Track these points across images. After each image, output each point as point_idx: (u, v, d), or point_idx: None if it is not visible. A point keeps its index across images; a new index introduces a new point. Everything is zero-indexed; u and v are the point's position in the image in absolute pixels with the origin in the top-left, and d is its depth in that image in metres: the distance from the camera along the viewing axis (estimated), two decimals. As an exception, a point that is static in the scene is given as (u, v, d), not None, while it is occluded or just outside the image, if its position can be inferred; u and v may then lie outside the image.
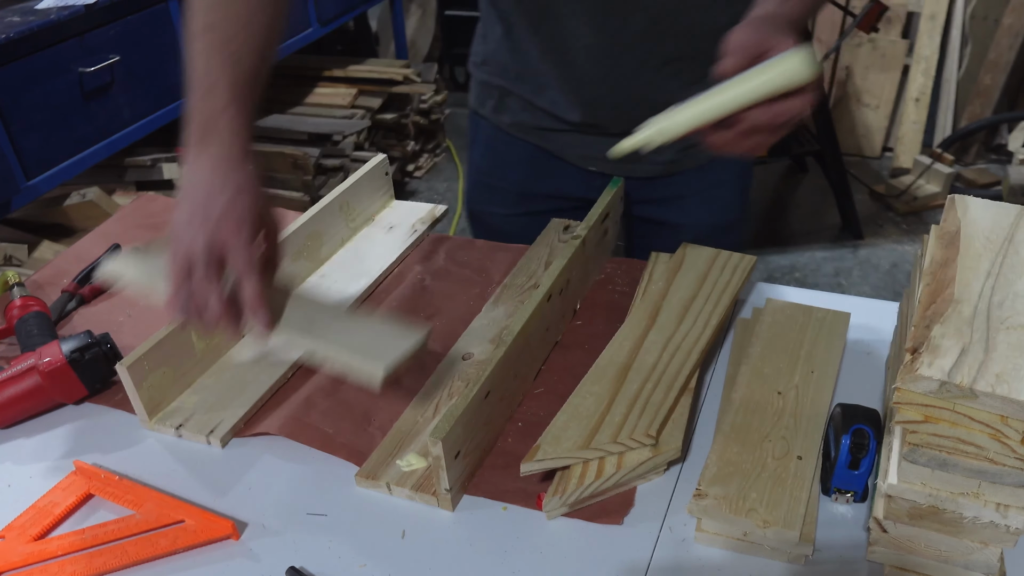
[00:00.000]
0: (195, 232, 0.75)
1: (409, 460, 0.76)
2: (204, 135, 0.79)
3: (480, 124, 1.21)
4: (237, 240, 0.75)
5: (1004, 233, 0.71)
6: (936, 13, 3.22)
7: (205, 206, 0.76)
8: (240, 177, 0.78)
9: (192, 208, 0.76)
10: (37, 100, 1.81)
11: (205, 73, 0.79)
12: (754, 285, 1.01)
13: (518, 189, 1.19)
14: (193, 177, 0.78)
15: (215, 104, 0.79)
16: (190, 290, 0.74)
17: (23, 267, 1.91)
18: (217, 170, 0.78)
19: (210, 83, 0.79)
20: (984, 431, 0.56)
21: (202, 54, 0.80)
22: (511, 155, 1.18)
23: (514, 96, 1.12)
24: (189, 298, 0.74)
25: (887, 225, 3.04)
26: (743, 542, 0.68)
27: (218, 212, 0.75)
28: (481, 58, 1.15)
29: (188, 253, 0.74)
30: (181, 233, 0.75)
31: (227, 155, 0.78)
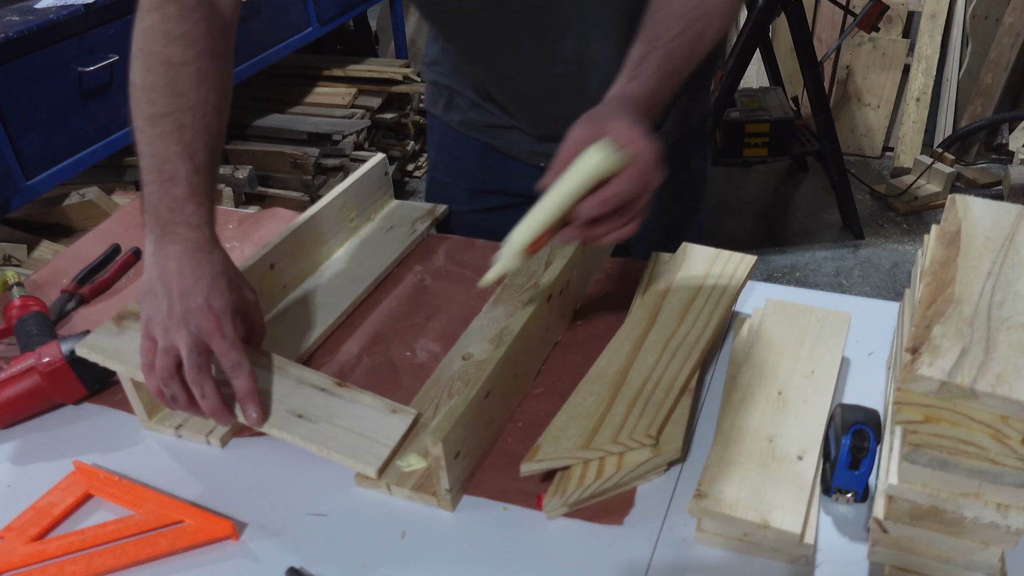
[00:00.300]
0: (176, 328, 0.75)
1: (409, 460, 0.76)
2: (168, 225, 0.78)
3: (433, 123, 1.22)
4: (222, 336, 0.76)
5: (1005, 233, 0.71)
6: (937, 12, 3.22)
7: (182, 300, 0.76)
8: (212, 266, 0.78)
9: (169, 302, 0.76)
10: (36, 100, 1.81)
11: (162, 163, 0.79)
12: (754, 285, 1.01)
13: (471, 186, 1.21)
14: (163, 267, 0.78)
15: (176, 194, 0.78)
16: (179, 384, 0.75)
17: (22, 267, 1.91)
18: (188, 260, 0.78)
19: (170, 173, 0.78)
20: (985, 431, 0.56)
21: (157, 141, 0.79)
22: (462, 153, 1.19)
23: (462, 96, 1.14)
24: (180, 391, 0.76)
25: (888, 225, 3.04)
26: (743, 542, 0.68)
27: (197, 306, 0.76)
28: (431, 58, 1.17)
29: (171, 348, 0.75)
30: (160, 328, 0.76)
31: (195, 245, 0.79)
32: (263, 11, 2.51)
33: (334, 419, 0.78)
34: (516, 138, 1.13)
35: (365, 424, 0.78)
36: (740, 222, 3.15)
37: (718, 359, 0.90)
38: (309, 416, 0.78)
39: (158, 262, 0.78)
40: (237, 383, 0.77)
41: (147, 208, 0.79)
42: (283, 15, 2.64)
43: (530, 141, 1.13)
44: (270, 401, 0.79)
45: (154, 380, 0.76)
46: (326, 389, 0.81)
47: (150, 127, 0.79)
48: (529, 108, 1.09)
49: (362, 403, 0.80)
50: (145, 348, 0.77)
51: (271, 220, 1.18)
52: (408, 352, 0.92)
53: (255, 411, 0.77)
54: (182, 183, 0.78)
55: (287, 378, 0.82)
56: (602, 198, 0.69)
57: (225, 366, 0.76)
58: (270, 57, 2.58)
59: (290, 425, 0.78)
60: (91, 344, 0.82)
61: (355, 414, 0.79)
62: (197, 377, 0.75)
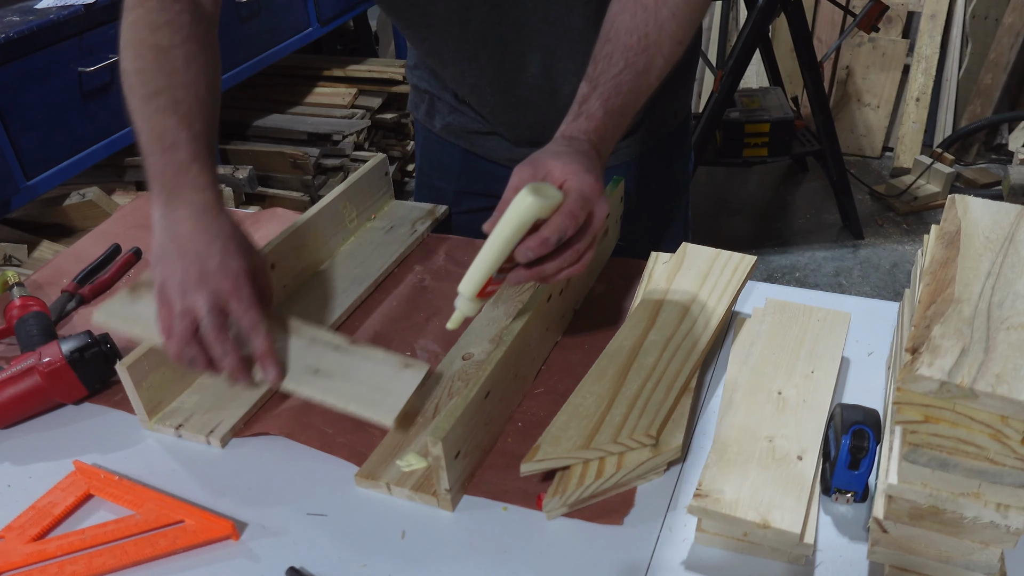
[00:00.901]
0: (193, 290, 0.76)
1: (409, 460, 0.76)
2: (174, 189, 0.79)
3: (418, 127, 1.24)
4: (239, 297, 0.77)
5: (1004, 233, 0.71)
6: (936, 12, 3.22)
7: (198, 263, 0.77)
8: (223, 226, 0.79)
9: (184, 265, 0.76)
10: (36, 100, 1.81)
11: (162, 133, 0.80)
12: (754, 285, 1.01)
13: (455, 188, 1.22)
14: (174, 231, 0.78)
15: (179, 159, 0.80)
16: (198, 346, 0.76)
17: (23, 267, 1.91)
18: (199, 222, 0.78)
19: (170, 141, 0.80)
20: (984, 431, 0.56)
21: (156, 116, 0.81)
22: (445, 157, 1.21)
23: (442, 101, 1.15)
24: (199, 353, 0.76)
25: (887, 225, 3.04)
26: (743, 542, 0.68)
27: (213, 267, 0.76)
28: (413, 62, 1.18)
29: (190, 310, 0.76)
30: (177, 290, 0.76)
31: (204, 206, 0.79)
32: (263, 11, 2.51)
33: (349, 374, 0.80)
34: (495, 144, 1.15)
35: (379, 378, 0.80)
36: (740, 222, 3.15)
37: (718, 359, 0.90)
38: (325, 372, 0.80)
39: (168, 226, 0.78)
40: (255, 343, 0.77)
41: (152, 177, 0.80)
42: (283, 15, 2.64)
43: (509, 147, 1.14)
44: (287, 360, 0.80)
45: (174, 344, 0.76)
46: (339, 347, 0.82)
47: (146, 105, 0.81)
48: (502, 114, 1.10)
49: (375, 359, 0.82)
50: (163, 313, 0.77)
51: (271, 220, 1.18)
52: (408, 352, 0.92)
53: (273, 370, 0.78)
54: (183, 148, 0.79)
55: (301, 337, 0.83)
56: (539, 239, 0.70)
57: (243, 327, 0.77)
58: (270, 57, 2.58)
59: (307, 381, 0.79)
60: (108, 310, 0.82)
61: (369, 369, 0.81)
62: (217, 338, 0.75)
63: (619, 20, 0.82)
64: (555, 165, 0.73)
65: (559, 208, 0.71)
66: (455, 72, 1.07)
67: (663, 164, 1.19)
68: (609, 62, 0.81)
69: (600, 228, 0.73)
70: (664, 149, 1.18)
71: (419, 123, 1.23)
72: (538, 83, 1.04)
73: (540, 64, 1.01)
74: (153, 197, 0.81)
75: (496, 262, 0.71)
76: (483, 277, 0.72)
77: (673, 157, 1.21)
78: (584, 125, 0.79)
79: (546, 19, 0.97)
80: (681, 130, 1.20)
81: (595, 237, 0.73)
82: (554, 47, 0.99)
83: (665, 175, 1.21)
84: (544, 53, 1.00)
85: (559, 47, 0.99)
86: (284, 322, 0.84)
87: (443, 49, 1.04)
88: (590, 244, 0.74)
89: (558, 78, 1.03)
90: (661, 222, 1.24)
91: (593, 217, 0.73)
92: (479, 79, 1.05)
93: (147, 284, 0.84)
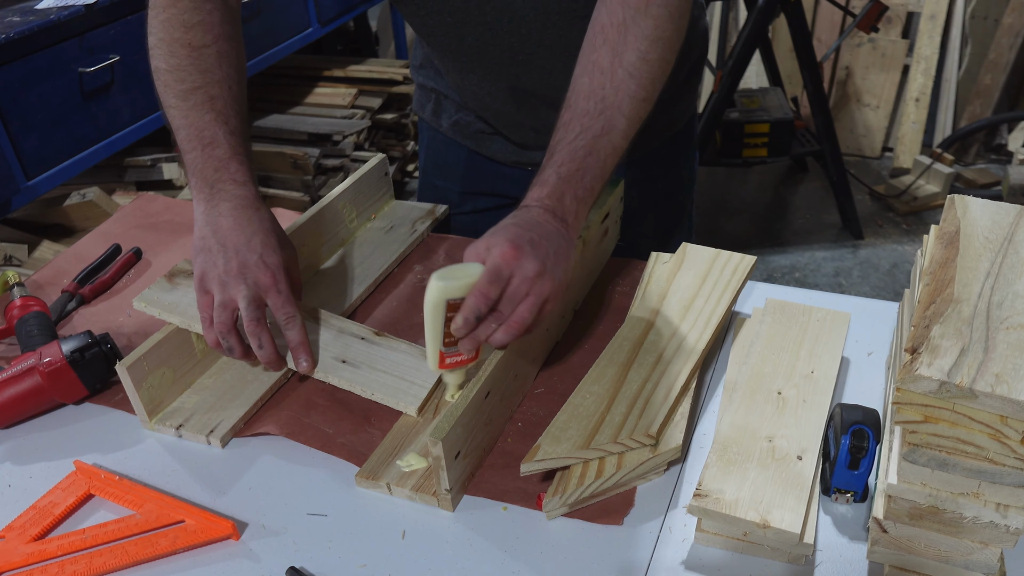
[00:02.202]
0: (234, 282, 0.80)
1: (409, 460, 0.76)
2: (216, 184, 0.84)
3: (423, 126, 1.24)
4: (277, 291, 0.82)
5: (1004, 233, 0.71)
6: (936, 13, 3.22)
7: (238, 256, 0.81)
8: (263, 221, 0.84)
9: (225, 258, 0.81)
10: (37, 100, 1.81)
11: (200, 129, 0.84)
12: (754, 285, 1.01)
13: (460, 188, 1.22)
14: (216, 224, 0.83)
15: (220, 155, 0.84)
16: (236, 336, 0.81)
17: (23, 267, 1.91)
18: (240, 217, 0.83)
19: (209, 138, 0.84)
20: (984, 431, 0.56)
21: (192, 112, 0.84)
22: (451, 156, 1.21)
23: (449, 99, 1.15)
24: (237, 343, 0.81)
25: (887, 225, 3.04)
26: (743, 542, 0.68)
27: (253, 261, 0.81)
28: (419, 61, 1.18)
29: (230, 301, 0.80)
30: (217, 282, 0.81)
31: (244, 201, 0.84)
32: (263, 11, 2.51)
33: (375, 364, 0.85)
34: (500, 146, 1.15)
35: (403, 368, 0.85)
36: (740, 222, 3.15)
37: (718, 359, 0.90)
38: (352, 362, 0.85)
39: (211, 220, 0.83)
40: (290, 334, 0.82)
41: (191, 173, 0.85)
42: (283, 15, 2.64)
43: (514, 149, 1.14)
44: (317, 350, 0.85)
45: (213, 333, 0.81)
46: (366, 338, 0.88)
47: (182, 102, 0.85)
48: (504, 119, 1.10)
49: (399, 350, 0.87)
50: (203, 303, 0.82)
51: (271, 220, 1.18)
52: (408, 352, 0.92)
53: (306, 360, 0.83)
54: (222, 145, 0.84)
55: (330, 328, 0.88)
56: (461, 319, 0.73)
57: (279, 319, 0.82)
58: (270, 57, 2.58)
59: (336, 370, 0.84)
60: (147, 298, 0.86)
61: (394, 360, 0.86)
62: (256, 329, 0.80)
63: (578, 85, 0.84)
64: (481, 243, 0.76)
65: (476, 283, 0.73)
66: (456, 79, 1.08)
67: (669, 165, 1.20)
68: (567, 130, 0.83)
69: (528, 287, 0.74)
70: (669, 150, 1.18)
71: (424, 123, 1.23)
72: (537, 94, 1.04)
73: (537, 82, 1.02)
74: (194, 191, 0.85)
75: (434, 339, 0.75)
76: (433, 353, 0.76)
77: (678, 158, 1.21)
78: (537, 192, 0.81)
79: (541, 43, 0.97)
80: (686, 131, 1.20)
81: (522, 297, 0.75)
82: (550, 67, 0.99)
83: (670, 176, 1.21)
84: (540, 73, 1.00)
85: (555, 66, 0.99)
86: (313, 313, 0.89)
87: (443, 58, 1.05)
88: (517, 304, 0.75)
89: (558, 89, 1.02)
90: (666, 223, 1.24)
91: (511, 281, 0.74)
92: (478, 88, 1.06)
93: (183, 272, 0.89)
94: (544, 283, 0.75)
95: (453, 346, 0.76)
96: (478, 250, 0.76)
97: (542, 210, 0.80)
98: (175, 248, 1.14)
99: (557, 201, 0.80)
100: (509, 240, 0.75)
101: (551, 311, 0.77)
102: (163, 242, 1.15)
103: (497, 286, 0.74)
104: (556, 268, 0.76)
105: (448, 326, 0.75)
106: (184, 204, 1.26)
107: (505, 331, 0.74)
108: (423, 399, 0.82)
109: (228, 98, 0.85)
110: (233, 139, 0.85)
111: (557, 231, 0.78)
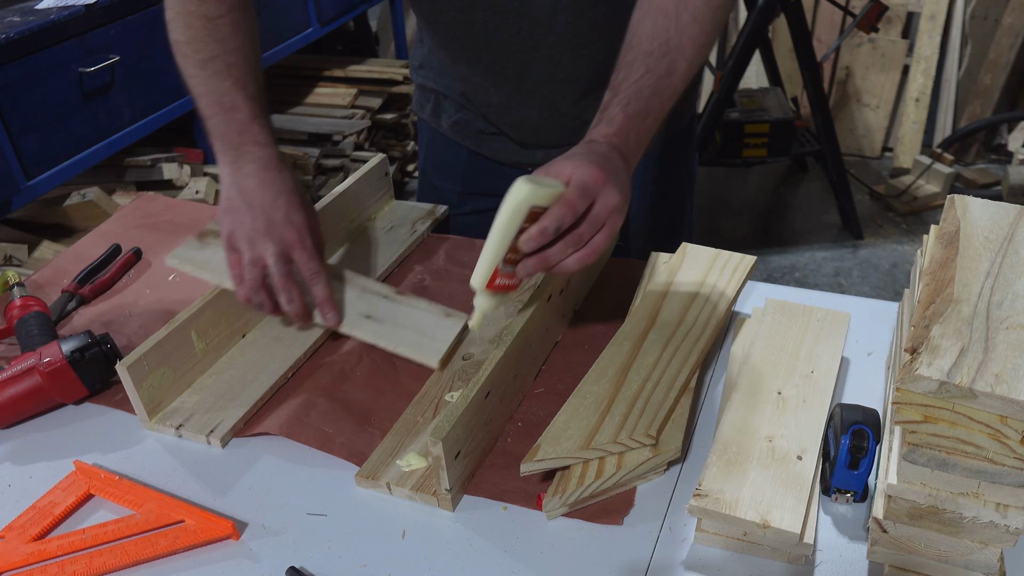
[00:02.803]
0: (261, 240, 0.84)
1: (409, 460, 0.76)
2: (240, 147, 0.88)
3: (422, 127, 1.24)
4: (303, 247, 0.86)
5: (1003, 233, 0.71)
6: (936, 13, 3.22)
7: (265, 215, 0.85)
8: (286, 181, 0.88)
9: (252, 216, 0.85)
10: (37, 100, 1.81)
11: (220, 96, 0.88)
12: (754, 285, 1.01)
13: (460, 189, 1.22)
14: (242, 185, 0.86)
15: (241, 119, 0.88)
16: (266, 292, 0.85)
17: (23, 267, 1.91)
18: (264, 177, 0.87)
19: (230, 103, 0.88)
20: (983, 431, 0.56)
21: (212, 80, 0.88)
22: (450, 157, 1.21)
23: (449, 99, 1.15)
24: (267, 298, 0.86)
25: (887, 225, 3.04)
26: (743, 542, 0.68)
27: (279, 219, 0.85)
28: (419, 62, 1.18)
29: (259, 259, 0.84)
30: (245, 240, 0.85)
31: (267, 162, 0.88)
32: (263, 11, 2.51)
33: (398, 320, 0.89)
34: (501, 146, 1.15)
35: (424, 325, 0.89)
36: (740, 222, 3.15)
37: (718, 359, 0.90)
38: (376, 318, 0.89)
39: (236, 180, 0.87)
40: (316, 290, 0.87)
41: (215, 137, 0.89)
42: (283, 15, 2.64)
43: (515, 149, 1.14)
44: (343, 306, 0.89)
45: (243, 289, 0.85)
46: (388, 296, 0.92)
47: (201, 70, 0.89)
48: (506, 115, 1.10)
49: (420, 308, 0.91)
50: (232, 261, 0.86)
51: (271, 220, 1.18)
52: (408, 352, 0.92)
53: (332, 315, 0.87)
54: (243, 109, 0.88)
55: (354, 287, 0.92)
56: (538, 229, 0.71)
57: (305, 274, 0.86)
58: (270, 57, 2.58)
59: (361, 325, 0.88)
60: (179, 255, 0.91)
61: (415, 316, 0.90)
62: (285, 284, 0.85)
63: (641, 27, 0.84)
64: (564, 164, 0.75)
65: (559, 199, 0.71)
66: (462, 71, 1.08)
67: (669, 166, 1.20)
68: (631, 69, 0.83)
69: (607, 215, 0.73)
70: (670, 151, 1.18)
71: (424, 123, 1.23)
72: (541, 89, 1.04)
73: (543, 72, 1.02)
74: (219, 154, 0.89)
75: (498, 250, 0.72)
76: (488, 267, 0.72)
77: (678, 159, 1.21)
78: (604, 129, 0.81)
79: (551, 29, 0.98)
80: (687, 132, 1.20)
81: (601, 224, 0.74)
82: (558, 56, 1.00)
83: (670, 177, 1.21)
84: (548, 63, 1.01)
85: (563, 55, 1.00)
86: (338, 272, 0.93)
87: (450, 46, 1.05)
88: (597, 230, 0.74)
89: (562, 85, 1.03)
90: (666, 223, 1.24)
91: (594, 205, 0.73)
92: (483, 80, 1.06)
93: (212, 233, 0.93)
94: (619, 218, 0.75)
95: (511, 265, 0.73)
96: (560, 169, 0.74)
97: (610, 147, 0.79)
98: (175, 248, 1.13)
99: (624, 140, 0.81)
100: (597, 165, 0.74)
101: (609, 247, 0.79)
102: (163, 242, 1.15)
103: (584, 202, 0.72)
104: (625, 205, 0.76)
105: (515, 240, 0.71)
106: (184, 204, 1.26)
107: (580, 257, 0.73)
108: (444, 353, 0.85)
109: (244, 65, 0.89)
110: (252, 103, 0.88)
111: (624, 169, 0.78)
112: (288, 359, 0.90)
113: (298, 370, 0.90)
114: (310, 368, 0.90)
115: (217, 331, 0.90)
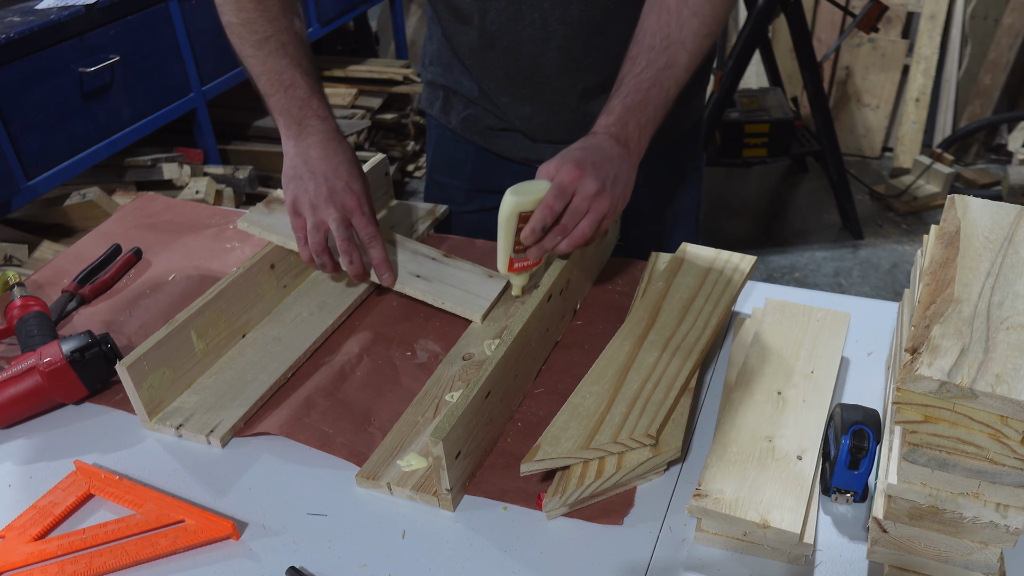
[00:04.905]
0: (324, 205, 0.91)
1: (409, 460, 0.76)
2: (303, 120, 0.95)
3: (431, 124, 1.25)
4: (361, 212, 0.93)
5: (1004, 233, 0.71)
6: (936, 13, 3.22)
7: (327, 182, 0.92)
8: (346, 152, 0.95)
9: (315, 184, 0.92)
10: (37, 100, 1.81)
11: (279, 73, 0.95)
12: (754, 285, 1.01)
13: (468, 186, 1.23)
14: (305, 155, 0.94)
15: (301, 95, 0.95)
16: (328, 254, 0.93)
17: (23, 267, 1.91)
18: (326, 148, 0.94)
19: (289, 80, 0.94)
20: (984, 431, 0.56)
21: (269, 59, 0.95)
22: (460, 153, 1.21)
23: (458, 96, 1.15)
24: (329, 260, 0.93)
25: (887, 225, 3.04)
26: (743, 542, 0.68)
27: (340, 187, 0.92)
28: (428, 58, 1.18)
29: (322, 223, 0.92)
30: (308, 206, 0.92)
31: (328, 134, 0.95)
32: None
33: (444, 279, 0.98)
34: (511, 142, 1.14)
35: (469, 283, 0.98)
36: (740, 222, 3.15)
37: (718, 359, 0.90)
38: (425, 277, 0.98)
39: (300, 151, 0.94)
40: (373, 252, 0.95)
41: (278, 113, 0.96)
42: (283, 15, 2.64)
43: (525, 144, 1.14)
44: (396, 267, 0.98)
45: (307, 251, 0.93)
46: (435, 259, 1.02)
47: (258, 50, 0.95)
48: (517, 107, 1.10)
49: (465, 269, 1.01)
50: (296, 225, 0.93)
51: (271, 220, 1.18)
52: (408, 352, 0.92)
53: (388, 275, 0.96)
54: (301, 85, 0.95)
55: (405, 250, 1.02)
56: (528, 229, 0.84)
57: (363, 238, 0.94)
58: (270, 57, 2.58)
59: (412, 283, 0.97)
60: (249, 219, 0.99)
61: (460, 277, 0.99)
62: (347, 247, 0.92)
63: (645, 24, 0.92)
64: (551, 164, 0.86)
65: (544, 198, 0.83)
66: (475, 60, 1.08)
67: (675, 167, 1.19)
68: (633, 63, 0.91)
69: (588, 204, 0.84)
70: (677, 150, 1.18)
71: (433, 120, 1.23)
72: (552, 80, 1.05)
73: (555, 62, 1.03)
74: (282, 128, 0.96)
75: (506, 247, 0.87)
76: (504, 258, 0.88)
77: (684, 160, 1.21)
78: (603, 120, 0.90)
79: (563, 20, 0.99)
80: (693, 131, 1.20)
81: (583, 213, 0.84)
82: (569, 46, 1.01)
83: (676, 178, 1.21)
84: (560, 53, 1.02)
85: (575, 45, 1.01)
86: (390, 236, 1.03)
87: (465, 34, 1.06)
88: (580, 219, 0.84)
89: (573, 75, 1.04)
90: (668, 223, 1.24)
91: (574, 198, 0.84)
92: (496, 69, 1.07)
93: (277, 200, 1.02)
94: (603, 201, 0.84)
95: (521, 253, 0.88)
96: (548, 169, 0.85)
97: (607, 136, 0.88)
98: (175, 248, 1.14)
99: (621, 128, 0.89)
100: (574, 161, 0.84)
101: (608, 226, 0.87)
102: (163, 242, 1.15)
103: (562, 201, 0.83)
104: (615, 188, 0.85)
105: (518, 235, 0.85)
106: (184, 204, 1.26)
107: (568, 242, 0.85)
108: (486, 308, 0.94)
109: (297, 43, 0.95)
110: (309, 79, 0.95)
111: (620, 155, 0.87)
112: (288, 359, 0.90)
113: (298, 370, 0.90)
114: (310, 368, 0.90)
115: (217, 331, 0.90)
